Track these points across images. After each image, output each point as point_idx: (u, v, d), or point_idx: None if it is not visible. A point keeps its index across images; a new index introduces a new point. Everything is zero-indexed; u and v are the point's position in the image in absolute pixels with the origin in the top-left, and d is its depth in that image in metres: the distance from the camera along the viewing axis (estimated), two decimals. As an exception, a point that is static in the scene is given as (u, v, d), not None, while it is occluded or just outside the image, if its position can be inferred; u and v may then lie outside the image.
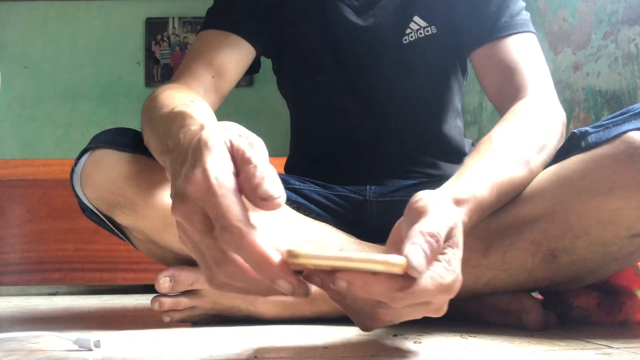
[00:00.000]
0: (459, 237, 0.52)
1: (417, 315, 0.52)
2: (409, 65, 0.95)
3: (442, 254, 0.50)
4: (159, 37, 2.64)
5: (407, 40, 0.93)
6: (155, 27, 2.65)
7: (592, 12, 1.47)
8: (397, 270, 0.46)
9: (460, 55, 0.97)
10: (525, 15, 0.88)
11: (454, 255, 0.51)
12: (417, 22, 0.93)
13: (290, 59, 1.01)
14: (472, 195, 0.61)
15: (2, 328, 0.90)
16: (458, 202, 0.59)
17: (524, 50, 0.85)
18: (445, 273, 0.49)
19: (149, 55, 2.63)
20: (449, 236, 0.51)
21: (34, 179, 1.83)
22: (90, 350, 0.61)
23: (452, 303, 0.77)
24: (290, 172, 1.05)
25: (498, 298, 0.76)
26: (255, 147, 0.49)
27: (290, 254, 0.47)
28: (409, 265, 0.47)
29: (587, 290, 0.80)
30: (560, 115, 0.79)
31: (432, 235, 0.49)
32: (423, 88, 0.97)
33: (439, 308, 0.52)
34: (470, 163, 0.67)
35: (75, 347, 0.62)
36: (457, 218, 0.54)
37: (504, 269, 0.72)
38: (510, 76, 0.84)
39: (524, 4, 0.90)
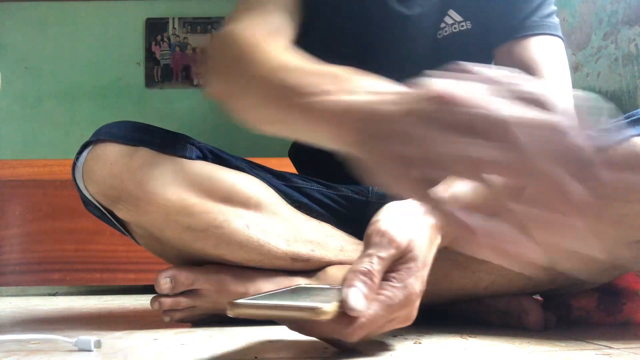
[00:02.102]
0: (418, 249, 0.55)
1: (386, 329, 0.55)
2: (440, 62, 0.91)
3: (395, 271, 0.53)
4: (159, 37, 2.64)
5: (441, 35, 0.89)
6: (155, 28, 2.65)
7: (592, 13, 1.47)
8: (328, 317, 0.49)
9: (488, 54, 0.93)
10: (555, 19, 0.86)
11: (409, 270, 0.53)
12: (452, 17, 0.89)
13: (317, 38, 0.92)
14: (452, 195, 0.60)
15: (2, 329, 0.90)
16: None
17: (546, 52, 0.83)
18: (393, 292, 0.52)
19: (149, 56, 2.63)
20: (403, 254, 0.54)
21: (34, 179, 1.83)
22: (91, 351, 0.61)
23: (452, 304, 0.78)
24: (294, 158, 1.03)
25: (498, 299, 0.76)
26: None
27: (231, 305, 0.51)
28: (346, 307, 0.50)
29: (587, 292, 0.80)
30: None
31: (364, 274, 0.52)
32: None
33: (406, 319, 0.55)
34: None
35: (76, 348, 0.62)
36: (414, 234, 0.55)
37: (503, 274, 0.72)
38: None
39: (555, 9, 0.87)
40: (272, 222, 0.81)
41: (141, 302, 1.41)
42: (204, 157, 0.83)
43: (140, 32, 2.67)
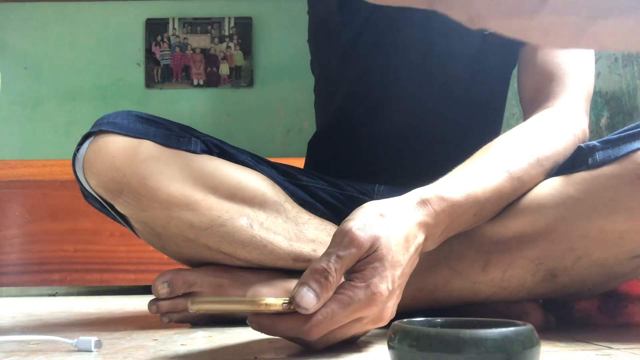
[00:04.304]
0: (384, 249, 0.54)
1: (356, 330, 0.56)
2: (482, 60, 0.90)
3: (359, 270, 0.53)
4: (159, 38, 2.64)
5: (482, 33, 0.87)
6: (155, 28, 2.64)
7: (592, 13, 1.47)
8: (271, 310, 0.51)
9: (514, 59, 0.90)
10: None
11: (374, 270, 0.53)
12: None
13: (368, 29, 0.93)
14: (436, 195, 0.60)
15: (3, 329, 0.89)
16: (421, 203, 0.59)
17: (571, 59, 0.81)
18: (353, 292, 0.52)
19: (149, 56, 2.63)
20: (367, 253, 0.54)
21: (34, 180, 1.83)
22: (91, 351, 0.61)
23: (452, 306, 0.78)
24: (312, 147, 1.03)
25: (498, 302, 0.76)
26: None
27: (191, 301, 0.53)
28: (295, 304, 0.51)
29: (588, 294, 0.80)
30: (576, 130, 0.75)
31: (319, 272, 0.52)
32: (485, 89, 0.92)
33: (377, 319, 0.55)
34: (457, 168, 0.67)
35: (76, 348, 0.62)
36: (381, 232, 0.54)
37: (504, 287, 0.71)
38: (548, 81, 0.80)
39: None
40: (276, 221, 0.81)
41: (141, 302, 1.40)
42: (209, 151, 0.82)
43: (140, 33, 2.67)
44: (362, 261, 0.54)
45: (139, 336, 0.74)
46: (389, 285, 0.53)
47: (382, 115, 0.93)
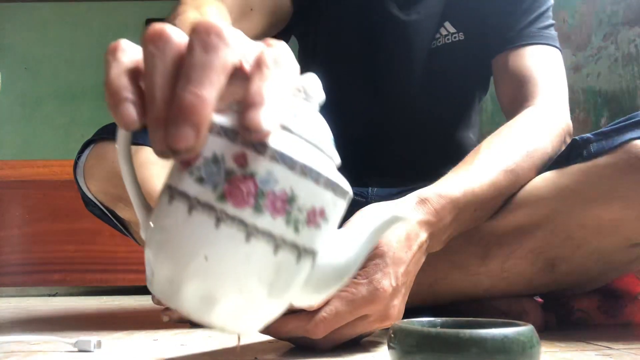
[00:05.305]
0: (386, 246, 0.55)
1: (362, 329, 0.55)
2: (434, 70, 0.93)
3: (361, 268, 0.52)
4: (159, 37, 2.65)
5: (435, 45, 0.91)
6: (155, 28, 2.65)
7: (592, 13, 1.47)
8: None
9: (484, 67, 0.93)
10: (553, 32, 0.87)
11: (375, 266, 0.53)
12: (447, 28, 0.91)
13: (320, 37, 0.98)
14: (434, 193, 0.62)
15: (2, 329, 0.90)
16: (421, 202, 0.61)
17: (542, 61, 0.84)
18: (356, 288, 0.52)
19: (149, 56, 2.63)
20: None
21: (34, 180, 1.83)
22: (91, 352, 0.61)
23: (452, 305, 0.78)
24: None
25: (498, 300, 0.76)
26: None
27: None
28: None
29: (587, 294, 0.80)
30: (560, 122, 0.78)
31: None
32: (442, 96, 0.95)
33: (383, 317, 0.55)
34: (452, 170, 0.69)
35: (76, 349, 0.62)
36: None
37: (503, 277, 0.72)
38: (523, 84, 0.83)
39: (554, 22, 0.88)
40: None
41: (141, 302, 1.40)
42: None
43: (140, 33, 2.67)
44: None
45: (139, 336, 0.74)
46: (392, 282, 0.54)
47: (360, 119, 0.95)
